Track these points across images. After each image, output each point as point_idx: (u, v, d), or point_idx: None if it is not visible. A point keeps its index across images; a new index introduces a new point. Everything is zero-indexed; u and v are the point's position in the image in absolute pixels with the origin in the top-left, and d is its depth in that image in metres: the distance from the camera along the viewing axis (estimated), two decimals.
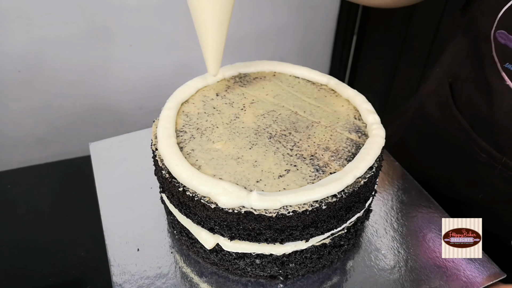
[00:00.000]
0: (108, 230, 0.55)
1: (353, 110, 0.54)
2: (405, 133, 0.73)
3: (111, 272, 0.50)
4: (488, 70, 0.53)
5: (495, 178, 0.56)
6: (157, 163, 0.47)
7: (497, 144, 0.55)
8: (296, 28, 1.17)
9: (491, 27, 0.50)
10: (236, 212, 0.41)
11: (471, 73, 0.57)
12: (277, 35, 1.15)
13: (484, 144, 0.56)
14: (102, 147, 0.67)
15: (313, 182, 0.44)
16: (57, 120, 1.07)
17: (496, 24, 0.49)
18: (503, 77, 0.50)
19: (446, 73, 0.63)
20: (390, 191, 0.62)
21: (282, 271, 0.48)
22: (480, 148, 0.56)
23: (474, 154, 0.57)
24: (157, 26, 1.01)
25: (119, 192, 0.59)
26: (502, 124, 0.53)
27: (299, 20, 1.15)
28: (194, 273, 0.51)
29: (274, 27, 1.13)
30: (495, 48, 0.50)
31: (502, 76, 0.50)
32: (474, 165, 0.58)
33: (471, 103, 0.57)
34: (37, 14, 0.89)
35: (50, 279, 0.66)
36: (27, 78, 0.97)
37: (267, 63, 0.61)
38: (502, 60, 0.50)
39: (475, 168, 0.58)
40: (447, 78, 0.62)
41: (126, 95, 1.10)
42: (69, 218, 0.76)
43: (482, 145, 0.56)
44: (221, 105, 0.54)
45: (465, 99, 0.59)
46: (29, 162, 0.89)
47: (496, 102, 0.53)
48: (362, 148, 0.48)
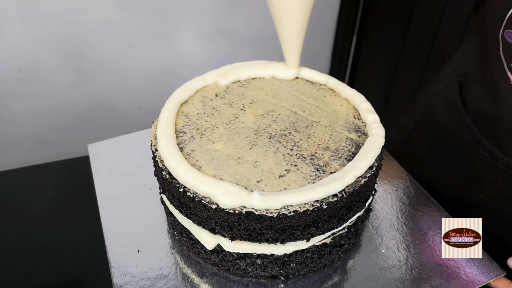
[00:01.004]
0: (108, 231, 0.54)
1: (352, 109, 0.54)
2: (411, 131, 0.73)
3: (112, 274, 0.50)
4: (494, 70, 0.53)
5: (497, 177, 0.56)
6: (157, 164, 0.47)
7: (499, 144, 0.55)
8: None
9: (500, 27, 0.50)
10: (237, 213, 0.41)
11: (479, 72, 0.57)
12: (277, 35, 1.15)
13: (488, 143, 0.56)
14: (101, 148, 0.67)
15: (313, 181, 0.44)
16: (57, 120, 1.07)
17: (504, 23, 0.49)
18: (508, 77, 0.51)
19: (455, 73, 0.63)
20: (390, 190, 0.62)
21: (283, 271, 0.48)
22: (483, 147, 0.56)
23: (477, 153, 0.58)
24: (157, 26, 1.01)
25: (119, 194, 0.59)
26: (506, 123, 0.53)
27: None
28: (194, 274, 0.51)
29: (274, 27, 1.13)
30: (502, 47, 0.50)
31: (508, 76, 0.51)
32: (476, 165, 0.58)
33: (477, 103, 0.58)
34: (37, 14, 0.89)
35: (50, 279, 0.66)
36: (27, 78, 0.97)
37: (265, 64, 0.61)
38: (509, 59, 0.50)
39: (477, 168, 0.58)
40: (456, 77, 0.62)
41: (126, 95, 1.10)
42: (69, 218, 0.76)
43: (485, 144, 0.56)
44: (221, 106, 0.54)
45: (472, 98, 0.59)
46: (29, 162, 0.89)
47: (500, 101, 0.53)
48: (362, 147, 0.48)
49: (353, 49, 1.30)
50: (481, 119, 0.57)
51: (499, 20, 0.50)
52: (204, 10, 1.03)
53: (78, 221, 0.74)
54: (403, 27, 1.18)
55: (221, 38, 1.09)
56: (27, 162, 0.89)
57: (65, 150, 1.08)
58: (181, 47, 1.07)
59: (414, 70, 1.25)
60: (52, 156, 1.06)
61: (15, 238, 0.72)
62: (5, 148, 1.06)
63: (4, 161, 1.06)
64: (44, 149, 1.09)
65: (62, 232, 0.74)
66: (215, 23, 1.07)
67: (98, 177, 0.62)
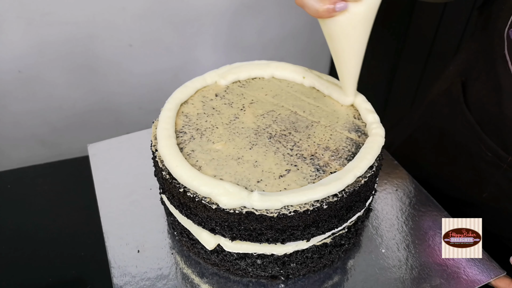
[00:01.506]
0: (108, 232, 0.54)
1: (352, 109, 0.54)
2: (414, 131, 0.73)
3: (112, 274, 0.50)
4: (499, 69, 0.53)
5: (500, 177, 0.56)
6: (157, 164, 0.47)
7: (504, 144, 0.55)
8: (296, 28, 1.17)
9: (505, 26, 0.50)
10: (237, 213, 0.41)
11: (482, 71, 0.57)
12: (277, 35, 1.15)
13: (491, 143, 0.56)
14: (101, 149, 0.67)
15: (313, 181, 0.44)
16: (57, 120, 1.07)
17: (510, 22, 0.49)
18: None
19: (459, 72, 0.63)
20: (390, 190, 0.62)
21: (283, 271, 0.48)
22: (487, 147, 0.56)
23: (480, 153, 0.58)
24: (157, 26, 1.01)
25: (118, 194, 0.59)
26: (510, 123, 0.53)
27: (299, 20, 1.15)
28: (195, 274, 0.51)
29: (275, 27, 1.14)
30: (507, 46, 0.50)
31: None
32: (479, 164, 0.58)
33: (481, 102, 0.57)
34: (37, 14, 0.89)
35: (50, 279, 0.66)
36: (27, 78, 0.97)
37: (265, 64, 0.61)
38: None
39: (480, 167, 0.58)
40: (460, 77, 0.62)
41: (126, 95, 1.10)
42: (69, 218, 0.76)
43: (489, 144, 0.56)
44: (221, 106, 0.54)
45: (475, 97, 0.59)
46: (29, 162, 0.89)
47: (505, 101, 0.53)
48: (362, 147, 0.48)
49: None
50: (484, 119, 0.57)
51: (505, 20, 0.50)
52: (204, 10, 1.03)
53: (78, 221, 0.74)
54: (403, 27, 1.18)
55: (222, 38, 1.09)
56: (27, 162, 0.89)
57: (65, 150, 1.08)
58: (181, 48, 1.07)
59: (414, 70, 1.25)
60: (52, 156, 1.06)
61: (15, 238, 0.72)
62: (5, 148, 1.06)
63: (4, 161, 1.06)
64: (44, 149, 1.09)
65: (62, 232, 0.74)
66: (215, 23, 1.07)
67: (98, 178, 0.62)
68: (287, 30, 1.16)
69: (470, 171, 0.61)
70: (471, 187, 0.62)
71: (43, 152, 1.09)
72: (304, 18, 1.15)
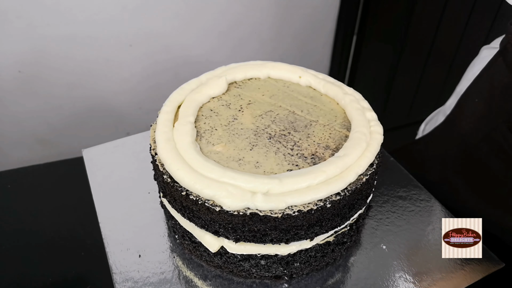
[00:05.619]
0: (108, 237, 0.54)
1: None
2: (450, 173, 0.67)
3: (114, 280, 0.49)
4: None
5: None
6: (158, 168, 0.46)
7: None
8: (296, 28, 1.17)
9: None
10: (241, 214, 0.41)
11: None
12: (277, 35, 1.16)
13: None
14: (96, 153, 0.66)
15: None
16: (57, 120, 1.06)
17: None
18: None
19: (497, 114, 0.56)
20: (388, 186, 0.62)
21: (287, 270, 0.48)
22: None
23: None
24: (157, 26, 1.01)
25: (116, 199, 0.59)
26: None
27: (299, 20, 1.16)
28: (197, 277, 0.50)
29: (274, 27, 1.14)
30: None
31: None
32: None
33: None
34: (37, 14, 0.88)
35: (50, 279, 0.65)
36: (27, 78, 0.96)
37: (260, 64, 0.61)
38: None
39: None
40: (502, 122, 0.55)
41: (126, 95, 1.09)
42: (69, 218, 0.75)
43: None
44: (218, 107, 0.54)
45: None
46: (29, 162, 0.88)
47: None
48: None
49: (353, 49, 1.30)
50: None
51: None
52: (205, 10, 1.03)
53: (78, 221, 0.73)
54: (403, 27, 1.18)
55: (222, 38, 1.09)
56: (27, 162, 0.88)
57: (65, 150, 1.07)
58: (181, 48, 1.07)
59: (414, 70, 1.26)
60: (52, 156, 1.05)
61: (15, 238, 0.71)
62: (5, 148, 1.05)
63: (4, 161, 1.05)
64: (44, 149, 1.08)
65: (62, 232, 0.73)
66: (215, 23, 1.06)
67: (94, 183, 0.61)
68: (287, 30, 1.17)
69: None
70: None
71: (43, 152, 1.08)
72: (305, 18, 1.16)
